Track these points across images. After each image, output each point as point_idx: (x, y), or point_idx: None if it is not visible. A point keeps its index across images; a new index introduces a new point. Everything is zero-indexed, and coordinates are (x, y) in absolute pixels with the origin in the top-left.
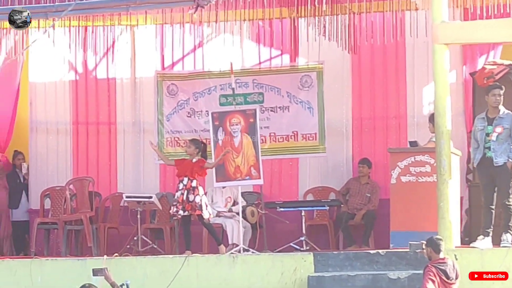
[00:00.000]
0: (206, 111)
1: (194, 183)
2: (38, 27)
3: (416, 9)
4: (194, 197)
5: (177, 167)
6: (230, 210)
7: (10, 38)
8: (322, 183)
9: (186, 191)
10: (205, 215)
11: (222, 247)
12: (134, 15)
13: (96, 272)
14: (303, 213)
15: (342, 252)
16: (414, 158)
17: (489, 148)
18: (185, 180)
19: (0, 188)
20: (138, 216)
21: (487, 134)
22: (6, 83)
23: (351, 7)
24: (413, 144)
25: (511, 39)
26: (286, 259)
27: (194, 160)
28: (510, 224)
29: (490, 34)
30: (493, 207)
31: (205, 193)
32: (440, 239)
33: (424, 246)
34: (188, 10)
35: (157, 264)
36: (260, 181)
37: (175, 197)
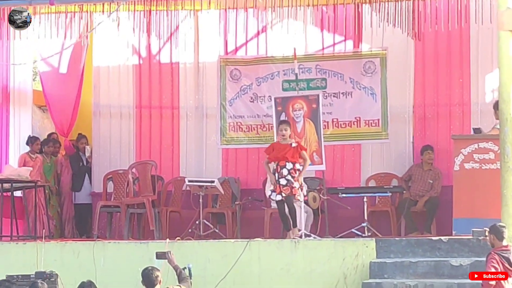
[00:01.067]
0: (269, 96)
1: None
2: (103, 11)
3: None
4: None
5: (269, 152)
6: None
7: (75, 22)
8: (385, 169)
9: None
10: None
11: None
12: (197, 0)
13: (159, 256)
14: (365, 199)
15: (404, 238)
16: (478, 145)
17: None
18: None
19: (63, 171)
20: (200, 200)
21: None
22: (71, 67)
23: None
24: (477, 131)
25: None
26: (347, 244)
27: (293, 144)
28: None
29: None
30: None
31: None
32: (504, 226)
33: (487, 233)
34: None
35: (218, 248)
36: (323, 167)
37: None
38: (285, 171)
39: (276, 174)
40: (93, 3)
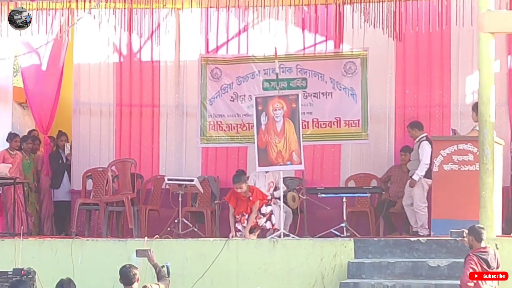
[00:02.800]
0: (249, 95)
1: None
2: (84, 8)
3: None
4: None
5: (234, 205)
6: (272, 195)
7: (56, 19)
8: (364, 170)
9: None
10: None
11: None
12: None
13: (140, 253)
14: (344, 200)
15: (382, 239)
16: (457, 146)
17: None
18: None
19: (44, 169)
20: (179, 199)
21: None
22: (52, 64)
23: None
24: (453, 132)
25: None
26: (326, 244)
27: (250, 198)
28: None
29: None
30: None
31: (248, 178)
32: (482, 228)
33: (465, 235)
34: None
35: (197, 247)
36: (301, 167)
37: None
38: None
39: (239, 224)
40: (73, 0)
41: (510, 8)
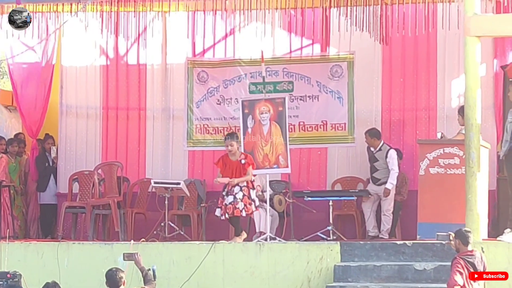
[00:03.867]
0: (236, 98)
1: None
2: (71, 11)
3: (450, 1)
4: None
5: (221, 168)
6: (260, 197)
7: (43, 22)
8: (351, 173)
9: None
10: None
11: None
12: (166, 1)
13: (127, 257)
14: (330, 203)
15: (368, 242)
16: (443, 150)
17: None
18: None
19: (32, 171)
20: (166, 202)
21: None
22: (41, 67)
23: None
24: (439, 135)
25: None
26: (312, 248)
27: (243, 161)
28: None
29: None
30: None
31: None
32: (469, 231)
33: (452, 238)
34: None
35: (183, 251)
36: (288, 170)
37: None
38: (237, 188)
39: (225, 191)
40: (59, 3)
41: (496, 12)
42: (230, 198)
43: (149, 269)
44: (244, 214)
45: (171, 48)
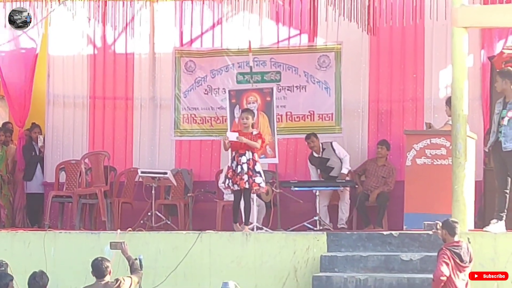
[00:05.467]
0: (223, 88)
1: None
2: (59, 0)
3: None
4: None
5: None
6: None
7: (30, 10)
8: None
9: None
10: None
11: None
12: None
13: (113, 246)
14: (317, 193)
15: (355, 232)
16: (430, 140)
17: (501, 132)
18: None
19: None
20: (153, 192)
21: (502, 118)
22: (27, 56)
23: None
24: (427, 125)
25: None
26: (299, 238)
27: (254, 132)
28: None
29: (509, 18)
30: (507, 191)
31: (221, 171)
32: (456, 222)
33: (439, 227)
34: None
35: (170, 240)
36: (275, 160)
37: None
38: (243, 159)
39: (234, 162)
40: None
41: (483, 3)
42: (240, 168)
43: (136, 259)
44: (247, 186)
45: (159, 37)
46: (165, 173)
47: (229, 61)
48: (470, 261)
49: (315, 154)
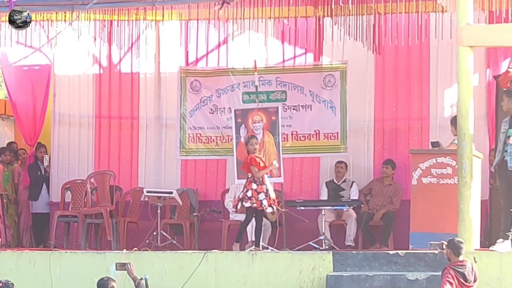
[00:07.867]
0: (229, 108)
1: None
2: (65, 19)
3: (443, 11)
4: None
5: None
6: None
7: (36, 31)
8: None
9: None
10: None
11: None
12: (159, 10)
13: (119, 266)
14: (323, 212)
15: (361, 252)
16: (436, 159)
17: (507, 151)
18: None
19: (21, 181)
20: (158, 211)
21: (508, 137)
22: (37, 76)
23: (377, 7)
24: (435, 144)
25: None
26: (305, 257)
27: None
28: None
29: None
30: None
31: (227, 190)
32: (462, 242)
33: (444, 246)
34: (213, 6)
35: (175, 260)
36: (281, 179)
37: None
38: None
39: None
40: (53, 11)
41: (489, 22)
42: (249, 193)
43: (142, 279)
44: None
45: (164, 57)
46: (171, 193)
47: (235, 80)
48: (474, 281)
49: (335, 180)
